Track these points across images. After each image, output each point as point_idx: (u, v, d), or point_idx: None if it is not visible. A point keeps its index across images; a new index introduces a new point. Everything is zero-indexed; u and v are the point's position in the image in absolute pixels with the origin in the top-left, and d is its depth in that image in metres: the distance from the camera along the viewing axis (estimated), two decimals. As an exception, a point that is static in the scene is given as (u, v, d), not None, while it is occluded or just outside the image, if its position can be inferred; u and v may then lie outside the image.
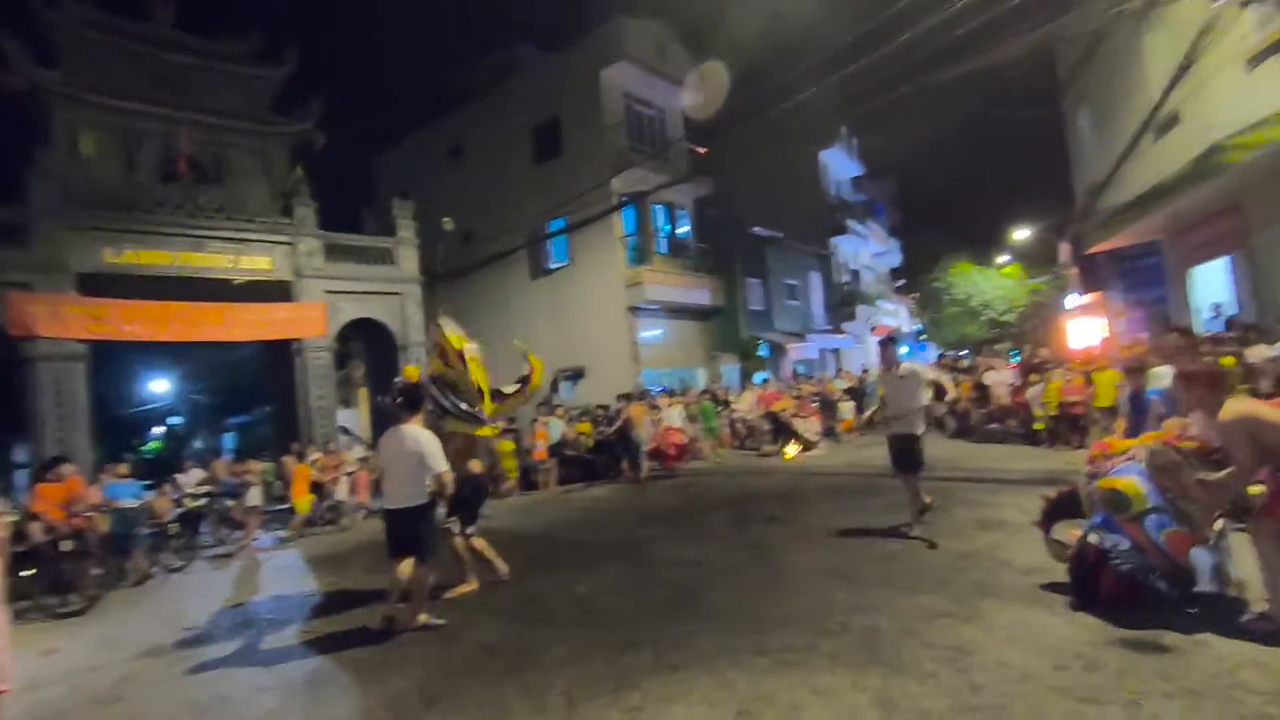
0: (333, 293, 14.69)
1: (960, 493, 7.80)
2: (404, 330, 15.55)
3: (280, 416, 16.08)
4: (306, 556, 8.92)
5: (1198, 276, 12.06)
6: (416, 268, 15.99)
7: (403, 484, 4.94)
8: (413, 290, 15.84)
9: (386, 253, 15.66)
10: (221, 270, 13.51)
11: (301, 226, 14.39)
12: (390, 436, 5.13)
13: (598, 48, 18.31)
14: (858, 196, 32.22)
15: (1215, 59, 8.53)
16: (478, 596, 5.77)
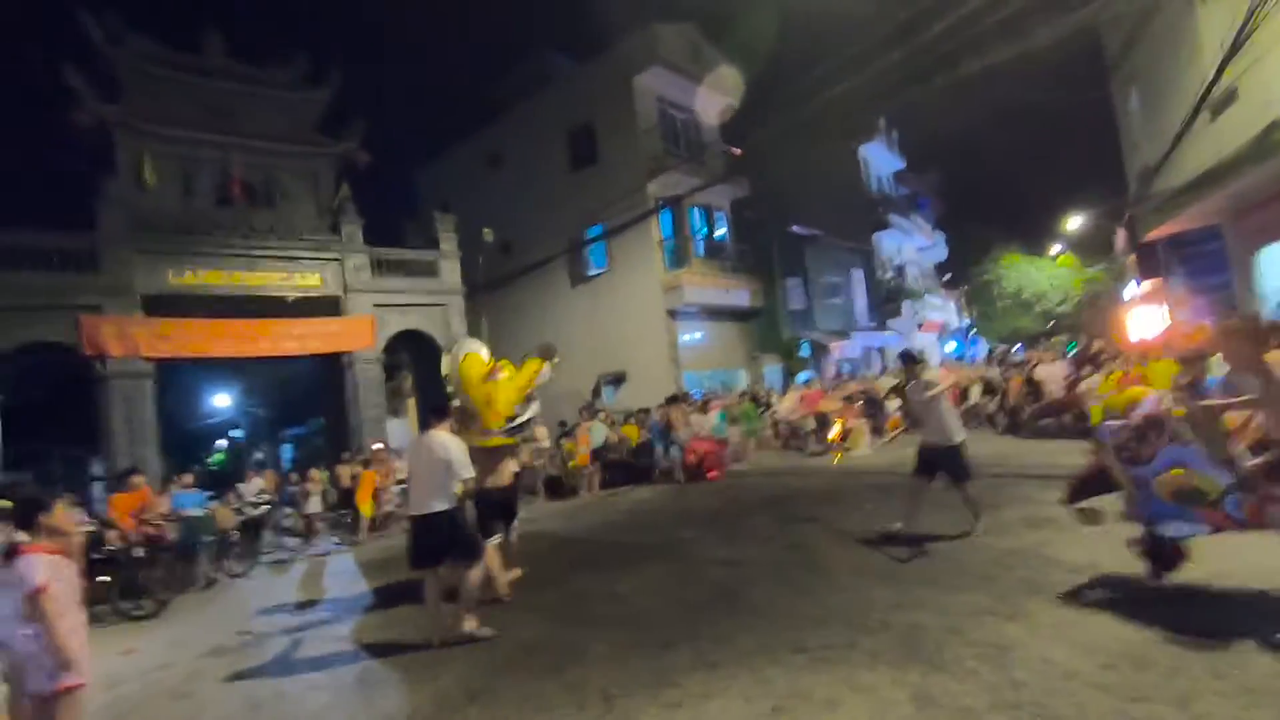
0: (380, 306, 15.17)
1: (1008, 489, 7.60)
2: (448, 340, 15.90)
3: (333, 428, 16.64)
4: (360, 561, 9.23)
5: (1264, 260, 11.45)
6: (459, 279, 16.39)
7: (431, 490, 4.95)
8: (456, 301, 16.23)
9: (430, 265, 16.09)
10: (275, 288, 14.10)
11: (349, 243, 14.91)
12: (418, 444, 5.21)
13: (630, 54, 18.45)
14: (900, 190, 31.60)
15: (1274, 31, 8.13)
16: (520, 597, 5.89)
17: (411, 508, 5.19)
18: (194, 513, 9.26)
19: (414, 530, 5.09)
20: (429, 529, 4.96)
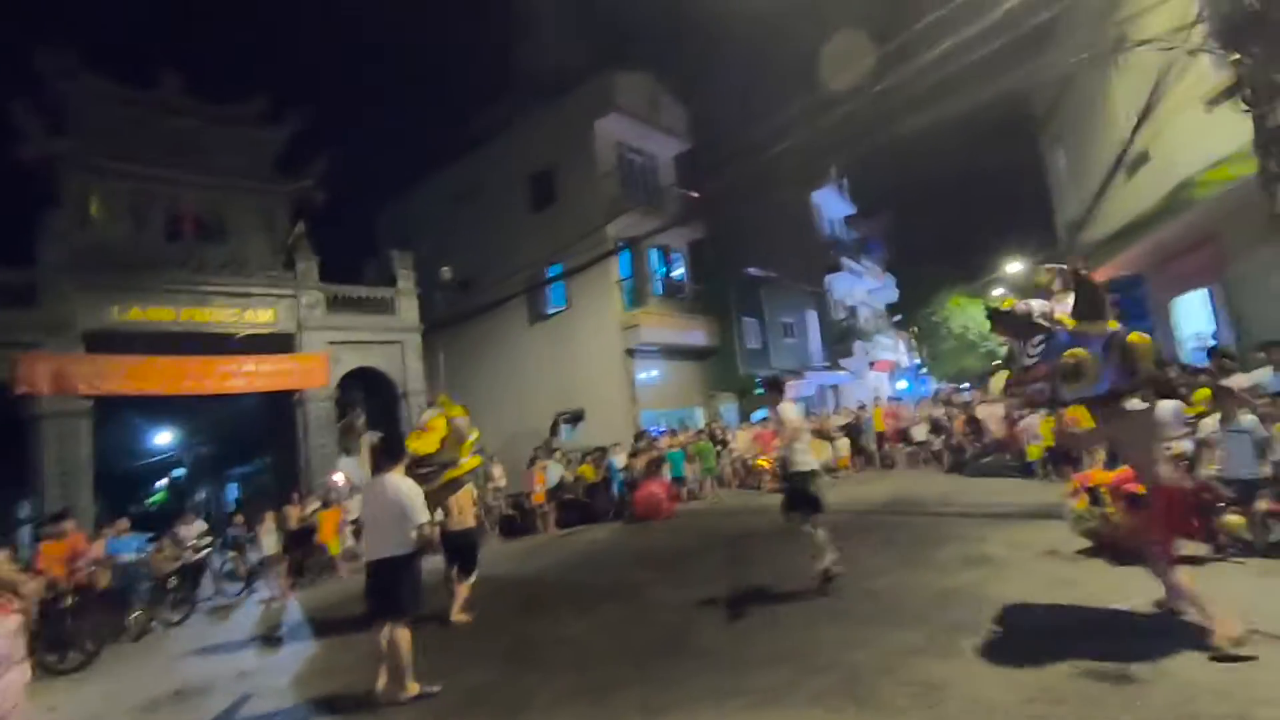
0: (334, 343, 14.99)
1: (950, 528, 7.88)
2: (404, 378, 15.80)
3: (281, 466, 16.21)
4: (306, 606, 8.97)
5: (1180, 307, 12.27)
6: (416, 316, 16.33)
7: (385, 535, 4.83)
8: (412, 339, 16.15)
9: (386, 302, 16.01)
10: (226, 325, 13.84)
11: (303, 280, 14.77)
12: (372, 487, 5.13)
13: (590, 100, 18.97)
14: (850, 234, 32.72)
15: (1176, 101, 8.87)
16: (468, 642, 5.84)
17: (367, 553, 5.09)
18: (129, 558, 8.91)
19: (368, 576, 4.98)
20: (380, 574, 4.86)
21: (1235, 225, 9.45)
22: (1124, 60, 10.09)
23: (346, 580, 10.57)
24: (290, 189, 15.50)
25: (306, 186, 15.60)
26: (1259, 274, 8.64)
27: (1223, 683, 3.35)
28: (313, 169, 15.68)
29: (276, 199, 15.39)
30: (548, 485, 12.95)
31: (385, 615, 4.78)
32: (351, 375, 15.49)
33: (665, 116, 20.31)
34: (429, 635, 5.59)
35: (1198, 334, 11.69)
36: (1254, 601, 4.41)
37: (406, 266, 16.44)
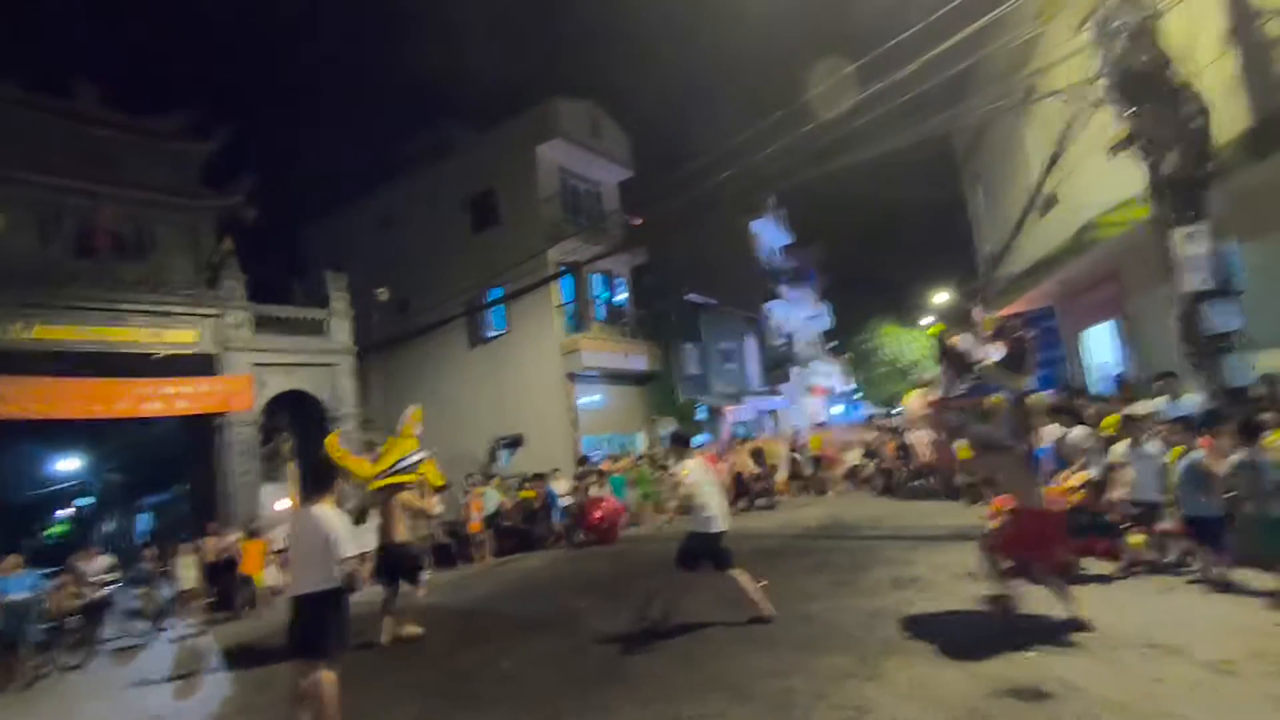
0: (261, 365, 14.37)
1: (880, 551, 8.10)
2: (336, 402, 15.26)
3: (200, 495, 15.32)
4: (221, 645, 8.44)
5: (1088, 339, 13.11)
6: (349, 338, 15.84)
7: (309, 569, 4.56)
8: (345, 361, 15.64)
9: (318, 324, 15.49)
10: (142, 345, 13.08)
11: (229, 299, 14.14)
12: (298, 517, 4.89)
13: (533, 124, 19.04)
14: (788, 263, 33.72)
15: (1081, 148, 9.57)
16: (399, 675, 5.62)
17: (290, 588, 4.81)
18: (19, 598, 8.21)
19: (290, 612, 4.68)
20: (303, 610, 4.56)
21: (1133, 264, 10.21)
22: (1035, 109, 10.83)
23: (270, 615, 10.02)
24: (217, 205, 14.90)
25: (235, 203, 15.02)
26: (1155, 309, 9.33)
27: (1127, 697, 3.54)
28: (242, 184, 15.13)
29: (201, 215, 14.76)
30: (484, 512, 12.66)
31: (306, 655, 4.52)
32: (279, 399, 14.85)
33: (608, 143, 20.57)
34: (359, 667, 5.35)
35: (1104, 364, 12.50)
36: (1154, 617, 4.70)
37: (340, 287, 15.97)
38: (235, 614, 10.53)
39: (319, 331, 15.45)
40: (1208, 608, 4.85)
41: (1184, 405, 6.64)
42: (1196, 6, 6.60)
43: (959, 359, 5.25)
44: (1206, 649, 3.98)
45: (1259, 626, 4.31)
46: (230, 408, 13.86)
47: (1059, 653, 4.23)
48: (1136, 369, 10.54)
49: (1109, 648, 4.20)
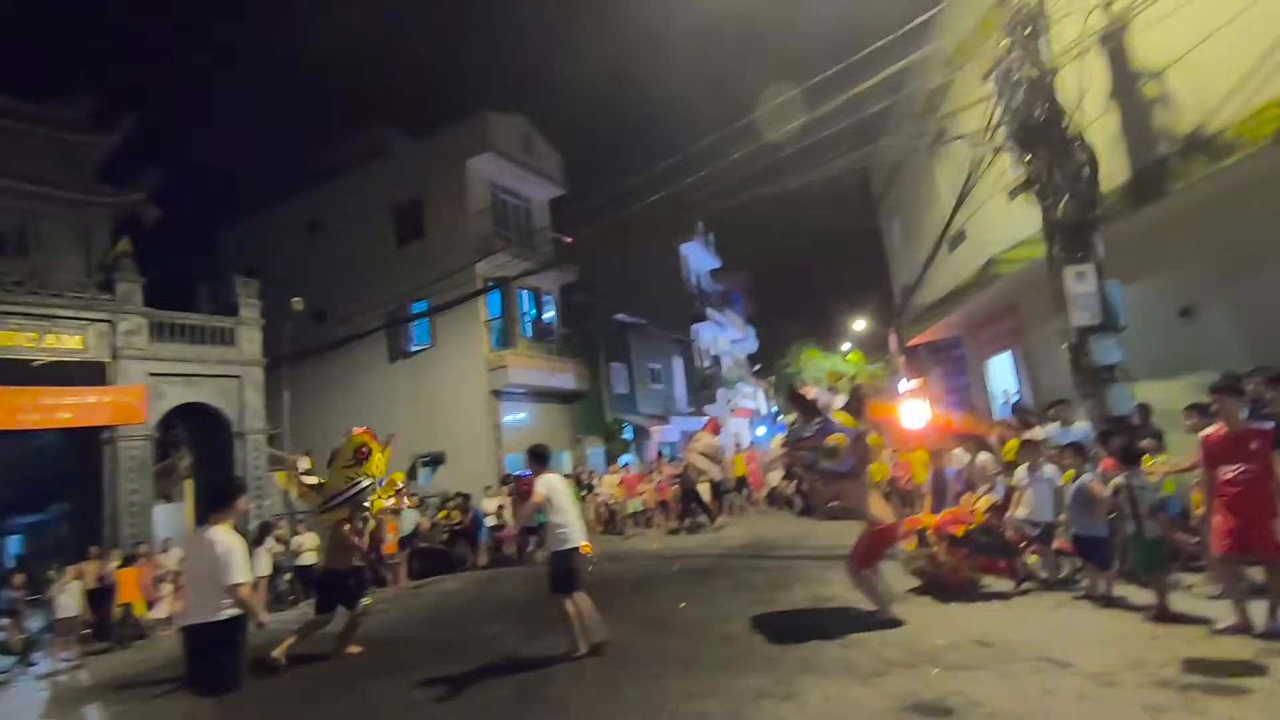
0: (157, 375, 13.37)
1: (799, 570, 8.27)
2: (241, 416, 14.37)
3: (82, 515, 14.03)
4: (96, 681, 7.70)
5: (991, 367, 13.94)
6: (259, 349, 14.99)
7: (200, 596, 4.24)
8: (253, 373, 14.78)
9: (225, 333, 14.59)
10: (20, 350, 11.95)
11: (123, 302, 13.14)
12: (194, 540, 4.56)
13: (465, 138, 18.79)
14: (715, 287, 34.41)
15: (985, 189, 10.25)
16: (305, 706, 5.28)
17: (181, 616, 4.53)
18: None
19: (182, 643, 4.32)
20: (193, 642, 4.22)
21: (1031, 299, 10.94)
22: (945, 150, 11.53)
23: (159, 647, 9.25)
24: (114, 202, 13.89)
25: (135, 200, 14.06)
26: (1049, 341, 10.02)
27: (1022, 709, 3.72)
28: (145, 181, 14.18)
29: (96, 212, 13.72)
30: (401, 533, 12.15)
31: (194, 690, 4.19)
32: (177, 412, 13.85)
33: (541, 161, 20.52)
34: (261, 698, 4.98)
35: (1005, 391, 13.30)
36: (1046, 632, 4.97)
37: (251, 294, 15.12)
38: (116, 646, 9.64)
39: (225, 341, 14.55)
40: (1093, 622, 5.18)
41: (1074, 431, 7.12)
42: (1087, 65, 7.19)
43: (809, 406, 6.31)
44: (1092, 661, 4.23)
45: (1137, 639, 4.62)
46: (121, 420, 12.81)
47: (961, 669, 4.40)
48: (1033, 397, 11.25)
49: (1005, 662, 4.41)
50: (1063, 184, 6.95)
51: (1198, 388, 5.69)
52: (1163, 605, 5.03)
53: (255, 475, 14.06)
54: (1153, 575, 5.21)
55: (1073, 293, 6.79)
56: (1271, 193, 6.65)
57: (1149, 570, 5.25)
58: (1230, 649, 4.26)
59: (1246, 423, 4.55)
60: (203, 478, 14.99)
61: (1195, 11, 6.27)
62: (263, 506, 13.66)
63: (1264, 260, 6.95)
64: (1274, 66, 5.87)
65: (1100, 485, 5.73)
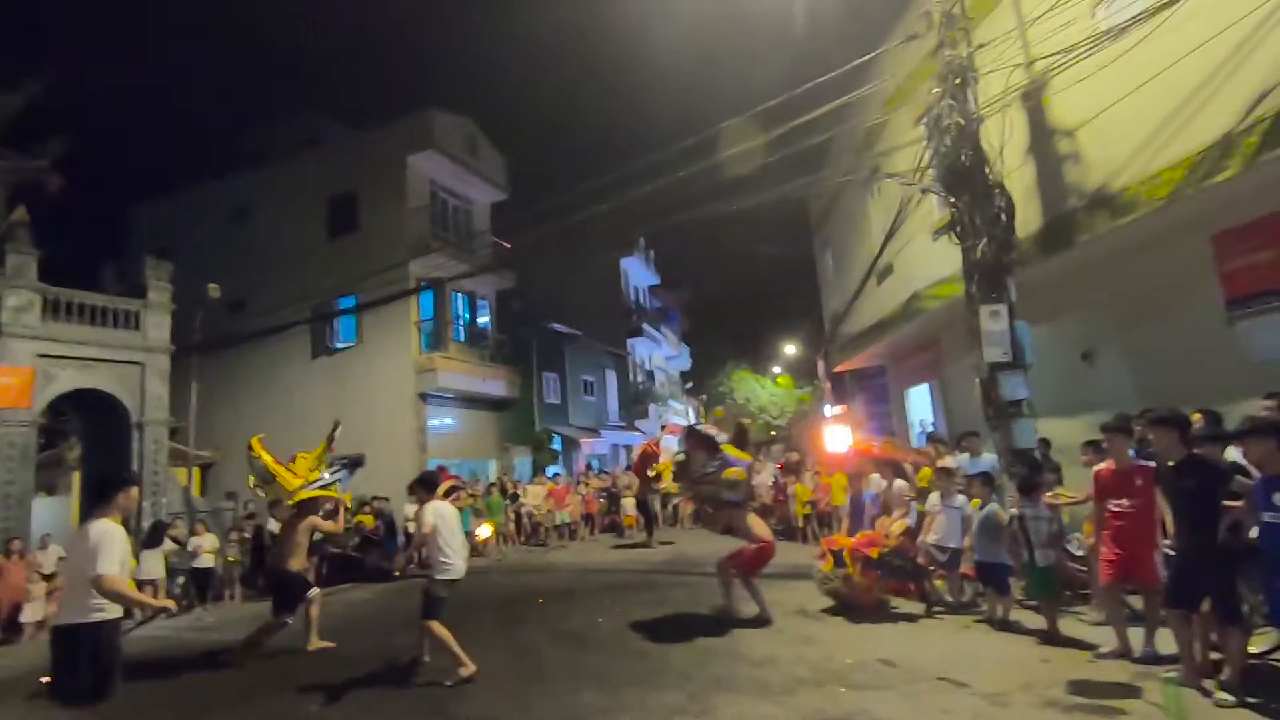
0: (48, 357, 12.35)
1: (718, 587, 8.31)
2: (141, 405, 13.42)
3: (-54, 506, 12.74)
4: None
5: (911, 397, 14.55)
6: (167, 335, 14.08)
7: (72, 594, 3.92)
8: (158, 360, 13.85)
9: (130, 316, 13.63)
10: (-115, 320, 10.83)
11: (14, 276, 12.09)
12: (73, 537, 4.23)
13: (407, 134, 18.33)
14: (654, 303, 34.73)
15: (913, 227, 10.76)
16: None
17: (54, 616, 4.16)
18: None
19: (51, 646, 3.92)
20: (60, 644, 3.85)
21: (950, 334, 11.50)
22: (878, 187, 12.04)
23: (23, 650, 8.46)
24: (12, 167, 12.83)
25: (37, 168, 13.02)
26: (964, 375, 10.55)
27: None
28: (50, 148, 13.17)
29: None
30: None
31: (58, 697, 3.82)
32: (69, 398, 12.82)
33: (485, 164, 20.23)
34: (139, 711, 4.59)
35: (922, 420, 13.90)
36: (948, 653, 5.18)
37: (163, 277, 14.19)
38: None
39: (130, 324, 13.60)
40: (991, 645, 5.43)
41: (982, 462, 7.49)
42: (1010, 118, 7.67)
43: (711, 443, 7.18)
44: (987, 682, 4.43)
45: (1029, 661, 4.88)
46: (2, 404, 11.75)
47: (868, 688, 4.52)
48: (947, 427, 11.79)
49: (909, 682, 4.56)
50: (982, 227, 7.35)
51: (1093, 426, 6.10)
52: (1053, 629, 5.33)
53: (153, 470, 13.15)
54: (1044, 601, 5.52)
55: (987, 330, 7.17)
56: (1163, 250, 7.24)
57: (1041, 596, 5.56)
58: (1110, 672, 4.54)
59: (1134, 460, 4.89)
60: (93, 470, 13.92)
61: (1104, 79, 6.79)
62: (159, 504, 12.77)
63: (1154, 312, 7.55)
64: (1170, 135, 6.41)
65: (1004, 511, 6.05)
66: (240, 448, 18.64)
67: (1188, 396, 5.46)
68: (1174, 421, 4.34)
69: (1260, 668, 4.21)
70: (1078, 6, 6.80)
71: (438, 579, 5.61)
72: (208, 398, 15.98)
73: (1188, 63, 6.08)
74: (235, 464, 18.00)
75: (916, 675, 4.67)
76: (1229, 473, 4.21)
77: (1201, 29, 5.84)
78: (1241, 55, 5.77)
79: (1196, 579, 4.08)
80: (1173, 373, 7.15)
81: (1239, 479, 4.11)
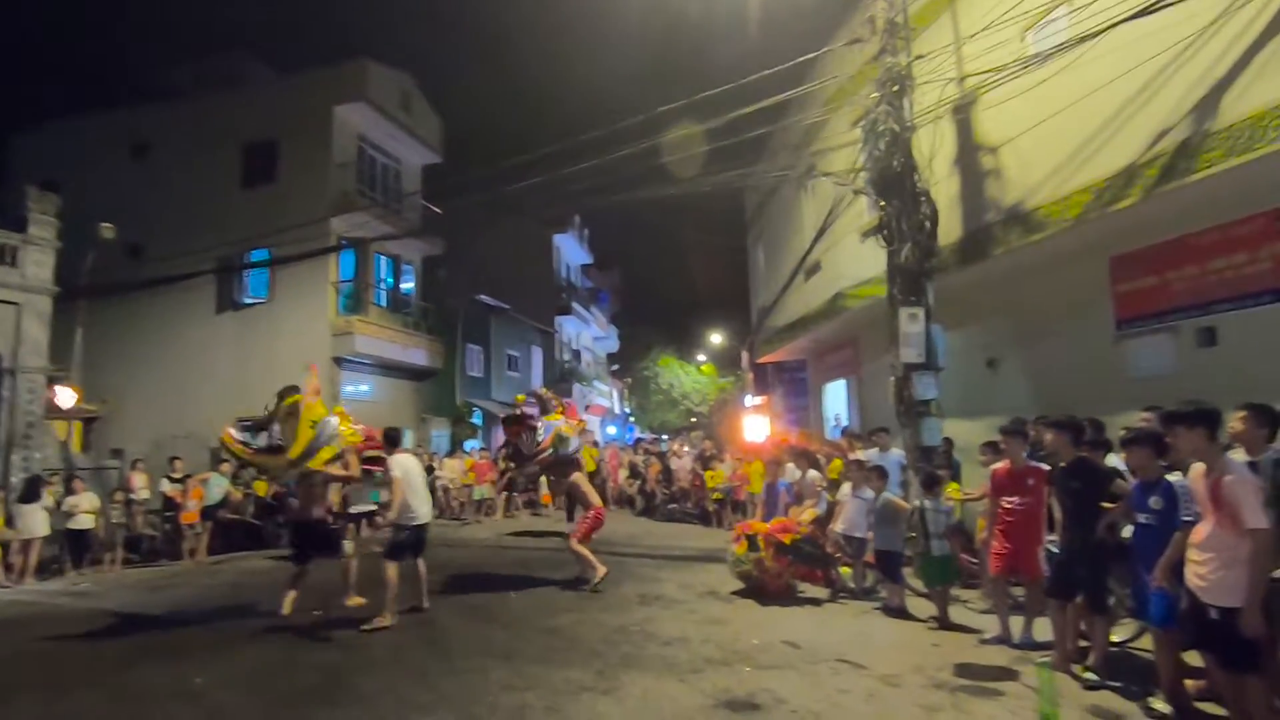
0: (-96, 290, 11.05)
1: (633, 568, 8.41)
2: (16, 350, 12.21)
3: None
4: None
5: (828, 392, 15.08)
6: (50, 275, 12.83)
7: None
8: (38, 302, 12.59)
9: (5, 251, 12.34)
10: None
11: None
12: None
13: (336, 82, 17.32)
14: (585, 282, 34.48)
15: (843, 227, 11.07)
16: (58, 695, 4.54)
17: None
18: None
19: None
20: None
21: (869, 333, 11.94)
22: (812, 184, 12.31)
23: None
24: None
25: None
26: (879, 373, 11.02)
27: (820, 706, 4.01)
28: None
29: None
30: (206, 501, 10.91)
31: None
32: (-72, 337, 11.53)
33: (419, 124, 19.39)
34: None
35: (836, 415, 14.44)
36: (847, 637, 5.42)
37: (47, 210, 12.85)
38: None
39: (5, 261, 12.31)
40: (887, 629, 5.73)
41: (890, 457, 7.85)
42: (941, 129, 7.98)
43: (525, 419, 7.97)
44: (882, 664, 4.67)
45: (921, 645, 5.18)
46: None
47: (771, 668, 4.68)
48: (861, 422, 12.29)
49: (810, 663, 4.75)
50: (908, 233, 7.64)
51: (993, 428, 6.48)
52: (943, 615, 5.66)
53: (26, 421, 12.03)
54: (935, 588, 5.86)
55: (904, 331, 7.49)
56: (1066, 269, 7.76)
57: (933, 583, 5.90)
58: (992, 656, 4.88)
59: (1027, 462, 5.23)
60: (-46, 419, 12.62)
61: (1027, 101, 7.15)
62: (30, 459, 11.72)
63: (1054, 326, 8.09)
64: (1082, 161, 6.84)
65: (902, 501, 6.37)
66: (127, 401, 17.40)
67: (1077, 406, 5.88)
68: (1068, 426, 4.67)
69: (1121, 654, 4.61)
70: (1010, 29, 7.11)
71: (402, 523, 6.22)
72: (97, 347, 14.76)
73: (1102, 94, 6.49)
74: (124, 419, 16.77)
75: (818, 656, 4.86)
76: (1111, 476, 4.57)
77: (1116, 64, 6.23)
78: (1149, 93, 6.21)
79: (1076, 572, 4.42)
80: (1065, 384, 7.70)
81: (1118, 482, 4.47)
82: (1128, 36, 5.91)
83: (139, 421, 16.54)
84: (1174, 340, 6.72)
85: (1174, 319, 6.70)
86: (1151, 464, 3.94)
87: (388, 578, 6.08)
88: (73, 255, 13.23)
